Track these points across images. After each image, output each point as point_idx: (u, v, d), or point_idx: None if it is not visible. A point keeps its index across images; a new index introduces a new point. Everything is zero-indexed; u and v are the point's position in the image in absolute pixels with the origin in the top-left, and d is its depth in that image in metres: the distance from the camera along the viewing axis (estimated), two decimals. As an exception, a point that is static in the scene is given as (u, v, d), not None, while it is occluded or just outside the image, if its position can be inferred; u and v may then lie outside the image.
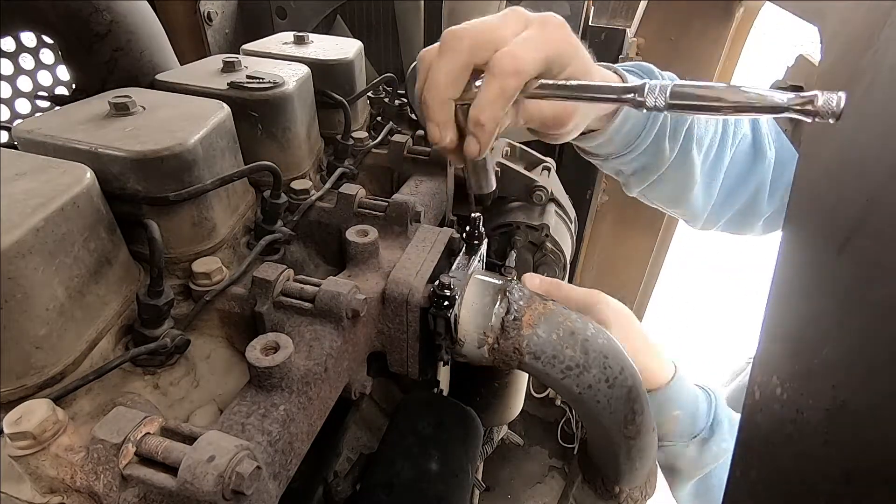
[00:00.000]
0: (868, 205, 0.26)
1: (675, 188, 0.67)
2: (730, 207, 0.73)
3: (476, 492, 0.79)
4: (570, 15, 1.02)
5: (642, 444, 0.48)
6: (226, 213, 0.50)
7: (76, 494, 0.31)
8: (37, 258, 0.34)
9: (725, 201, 0.72)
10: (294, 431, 0.37)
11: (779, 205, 0.73)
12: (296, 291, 0.44)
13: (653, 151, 0.60)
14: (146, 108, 0.48)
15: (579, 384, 0.44)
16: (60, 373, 0.37)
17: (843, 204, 0.29)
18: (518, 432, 1.35)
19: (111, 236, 0.41)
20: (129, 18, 0.57)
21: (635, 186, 0.68)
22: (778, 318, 0.38)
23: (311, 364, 0.39)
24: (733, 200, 0.72)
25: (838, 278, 0.28)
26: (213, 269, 0.45)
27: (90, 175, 0.39)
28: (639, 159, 0.61)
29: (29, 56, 0.68)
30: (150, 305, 0.40)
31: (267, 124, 0.56)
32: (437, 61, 0.37)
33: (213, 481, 0.28)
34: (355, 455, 0.64)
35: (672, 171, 0.63)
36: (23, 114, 0.70)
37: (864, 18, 0.31)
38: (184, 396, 0.42)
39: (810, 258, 0.33)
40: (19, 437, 0.30)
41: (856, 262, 0.27)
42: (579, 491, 0.55)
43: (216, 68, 0.59)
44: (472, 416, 0.62)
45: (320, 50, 0.71)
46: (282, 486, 0.36)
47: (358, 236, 0.49)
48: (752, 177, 0.70)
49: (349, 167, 0.67)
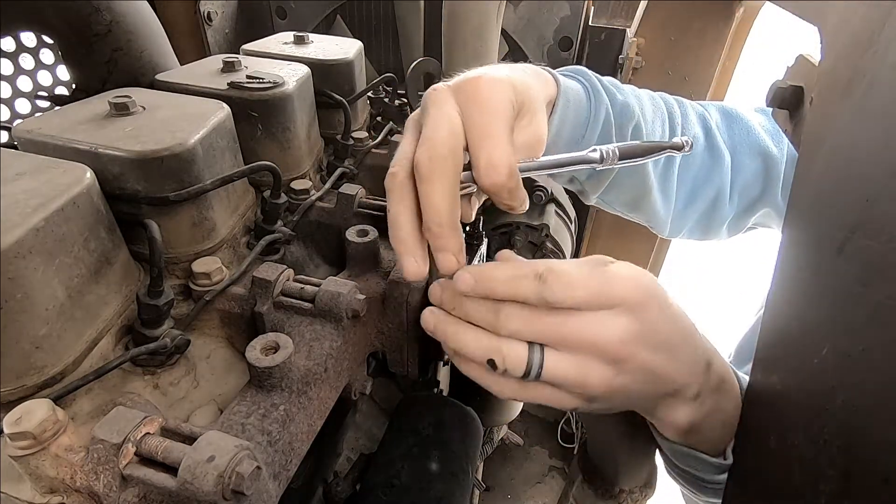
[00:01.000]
0: (868, 205, 0.26)
1: (631, 192, 0.66)
2: (693, 211, 0.72)
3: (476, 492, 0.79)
4: (570, 15, 1.02)
5: (642, 444, 0.48)
6: (226, 213, 0.50)
7: (76, 494, 0.31)
8: (37, 258, 0.34)
9: (687, 205, 0.71)
10: (294, 431, 0.37)
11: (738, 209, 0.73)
12: (296, 291, 0.44)
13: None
14: (146, 108, 0.48)
15: (579, 384, 0.44)
16: (60, 373, 0.37)
17: (843, 204, 0.29)
18: (518, 432, 1.35)
19: (111, 236, 0.41)
20: (129, 18, 0.57)
21: (592, 193, 0.66)
22: (778, 318, 0.38)
23: (311, 364, 0.39)
24: (695, 204, 0.71)
25: (838, 278, 0.28)
26: (213, 269, 0.45)
27: (90, 175, 0.39)
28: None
29: (29, 56, 0.68)
30: (150, 305, 0.40)
31: (267, 124, 0.56)
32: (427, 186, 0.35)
33: (213, 481, 0.28)
34: (355, 455, 0.64)
35: (625, 174, 0.62)
36: (23, 114, 0.70)
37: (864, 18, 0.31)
38: (184, 396, 0.42)
39: (810, 258, 0.33)
40: (19, 437, 0.30)
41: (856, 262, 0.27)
42: (579, 491, 0.55)
43: (216, 68, 0.59)
44: (472, 416, 0.62)
45: (320, 50, 0.71)
46: (282, 486, 0.36)
47: (358, 236, 0.49)
48: (711, 179, 0.70)
49: (349, 167, 0.67)
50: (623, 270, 0.38)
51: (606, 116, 0.57)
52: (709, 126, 0.69)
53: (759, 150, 0.70)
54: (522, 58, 1.08)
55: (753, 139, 0.70)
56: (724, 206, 0.71)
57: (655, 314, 0.37)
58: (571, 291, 0.36)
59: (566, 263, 0.38)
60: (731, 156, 0.69)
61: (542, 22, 1.03)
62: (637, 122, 0.59)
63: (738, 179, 0.70)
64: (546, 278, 0.36)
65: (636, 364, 0.37)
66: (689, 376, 0.39)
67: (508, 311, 0.37)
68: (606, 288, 0.36)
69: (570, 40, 1.04)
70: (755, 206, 0.73)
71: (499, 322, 0.37)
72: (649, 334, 0.37)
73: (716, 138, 0.69)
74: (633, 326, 0.36)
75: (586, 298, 0.36)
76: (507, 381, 0.38)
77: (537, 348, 0.37)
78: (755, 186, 0.71)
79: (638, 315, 0.37)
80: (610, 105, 0.57)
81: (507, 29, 1.05)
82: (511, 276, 0.37)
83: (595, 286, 0.36)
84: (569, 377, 0.37)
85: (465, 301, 0.39)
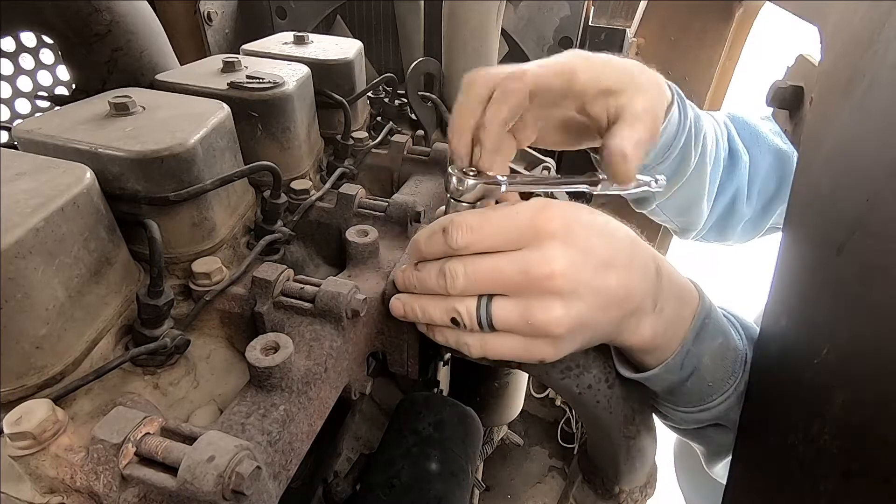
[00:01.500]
0: (868, 205, 0.26)
1: (691, 196, 0.67)
2: (714, 212, 0.74)
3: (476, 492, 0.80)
4: (570, 15, 1.02)
5: (642, 444, 0.48)
6: (226, 213, 0.50)
7: (76, 494, 0.31)
8: (37, 258, 0.34)
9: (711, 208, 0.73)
10: (294, 431, 0.37)
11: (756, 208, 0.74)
12: (296, 291, 0.44)
13: (683, 155, 0.60)
14: (146, 108, 0.48)
15: (579, 384, 0.44)
16: (60, 373, 0.37)
17: (843, 204, 0.29)
18: (518, 432, 1.35)
19: (111, 236, 0.41)
20: (129, 18, 0.57)
21: (660, 195, 0.67)
22: (778, 318, 0.38)
23: (311, 364, 0.39)
24: (716, 206, 0.73)
25: (838, 278, 0.29)
26: (213, 269, 0.45)
27: (90, 175, 0.39)
28: (671, 166, 0.60)
29: (29, 56, 0.68)
30: (150, 305, 0.40)
31: (267, 124, 0.56)
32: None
33: (213, 481, 0.28)
34: (355, 455, 0.64)
35: (693, 178, 0.63)
36: (23, 114, 0.70)
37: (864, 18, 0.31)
38: (184, 396, 0.42)
39: (810, 258, 0.33)
40: (19, 437, 0.30)
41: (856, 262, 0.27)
42: (579, 491, 0.55)
43: (216, 68, 0.59)
44: (472, 416, 0.62)
45: (320, 50, 0.71)
46: (282, 486, 0.36)
47: (358, 236, 0.49)
48: (731, 181, 0.71)
49: (349, 167, 0.67)
50: (530, 203, 0.38)
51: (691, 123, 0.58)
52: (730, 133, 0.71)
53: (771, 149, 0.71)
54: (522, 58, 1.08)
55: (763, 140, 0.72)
56: (742, 207, 0.73)
57: (584, 235, 0.37)
58: (472, 234, 0.37)
59: (472, 211, 0.39)
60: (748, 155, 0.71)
61: (542, 22, 1.03)
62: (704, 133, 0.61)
63: (756, 178, 0.72)
64: (448, 229, 0.38)
65: (585, 290, 0.36)
66: (643, 284, 0.39)
67: (452, 273, 0.38)
68: (513, 222, 0.37)
69: (570, 40, 1.04)
70: (772, 205, 0.74)
71: (447, 284, 0.38)
72: (586, 257, 0.36)
73: (735, 141, 0.71)
74: (566, 254, 0.36)
75: (496, 237, 0.37)
76: (472, 336, 0.40)
77: (485, 299, 0.38)
78: (770, 182, 0.72)
79: (566, 241, 0.36)
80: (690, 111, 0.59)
81: (507, 29, 1.05)
82: (427, 235, 0.40)
83: (499, 222, 0.37)
84: (516, 320, 0.37)
85: (419, 274, 0.41)
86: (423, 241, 0.40)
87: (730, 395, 0.43)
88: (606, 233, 0.38)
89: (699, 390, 0.44)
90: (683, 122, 0.57)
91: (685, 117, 0.57)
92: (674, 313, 0.41)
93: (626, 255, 0.38)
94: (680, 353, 0.41)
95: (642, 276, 0.39)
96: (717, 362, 0.43)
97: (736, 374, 0.43)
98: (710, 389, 0.43)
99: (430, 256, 0.40)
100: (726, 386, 0.43)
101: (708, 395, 0.43)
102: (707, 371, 0.42)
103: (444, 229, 0.38)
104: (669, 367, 0.42)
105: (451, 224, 0.38)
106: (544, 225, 0.36)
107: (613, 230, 0.39)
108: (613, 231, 0.39)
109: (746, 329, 0.45)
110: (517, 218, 0.37)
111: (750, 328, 0.45)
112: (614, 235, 0.38)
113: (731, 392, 0.43)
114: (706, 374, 0.42)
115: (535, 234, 0.36)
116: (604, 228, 0.38)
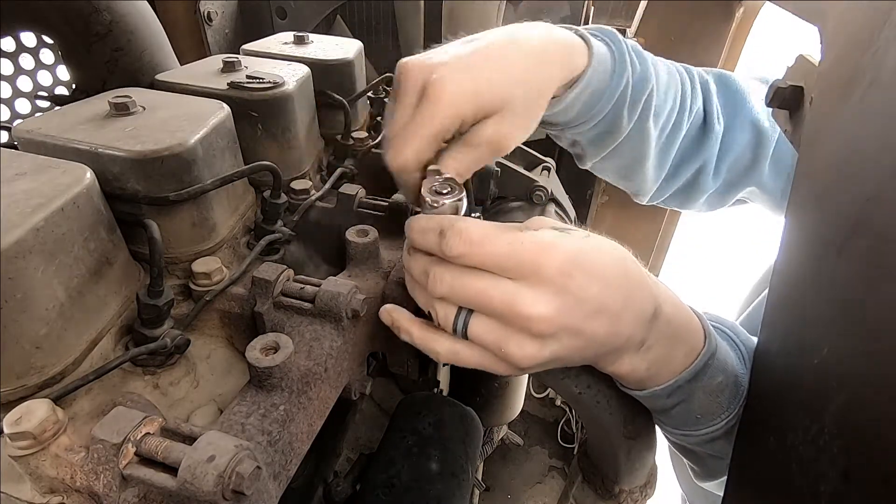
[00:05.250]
0: (868, 205, 0.26)
1: (629, 160, 0.66)
2: (676, 181, 0.72)
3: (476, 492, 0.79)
4: (570, 15, 1.02)
5: (642, 444, 0.48)
6: (226, 214, 0.50)
7: (76, 494, 0.31)
8: (37, 258, 0.34)
9: (673, 175, 0.71)
10: (294, 431, 0.37)
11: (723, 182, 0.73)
12: (296, 291, 0.44)
13: (610, 120, 0.58)
14: (146, 108, 0.48)
15: (579, 384, 0.45)
16: (60, 373, 0.37)
17: (843, 204, 0.29)
18: (518, 432, 1.35)
19: (111, 236, 0.41)
20: (129, 18, 0.57)
21: (590, 158, 0.66)
22: (778, 318, 0.38)
23: (311, 364, 0.39)
24: (680, 175, 0.71)
25: (838, 278, 0.29)
26: (213, 269, 0.45)
27: (90, 175, 0.39)
28: (597, 128, 0.59)
29: (29, 56, 0.68)
30: (150, 305, 0.40)
31: (267, 124, 0.56)
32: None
33: (213, 481, 0.28)
34: (355, 455, 0.65)
35: (628, 143, 0.62)
36: (23, 114, 0.70)
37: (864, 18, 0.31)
38: (184, 396, 0.42)
39: (810, 258, 0.33)
40: (19, 437, 0.30)
41: (856, 262, 0.27)
42: (579, 491, 0.55)
43: (216, 68, 0.59)
44: (472, 416, 0.62)
45: (320, 50, 0.71)
46: (282, 486, 0.36)
47: (358, 236, 0.49)
48: (699, 152, 0.70)
49: (349, 167, 0.67)
50: (538, 237, 0.36)
51: (624, 89, 0.56)
52: (709, 97, 0.69)
53: (752, 123, 0.69)
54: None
55: (747, 111, 0.70)
56: (707, 180, 0.71)
57: (584, 284, 0.35)
58: (470, 248, 0.35)
59: (476, 222, 0.37)
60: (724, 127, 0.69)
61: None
62: (649, 94, 0.59)
63: (728, 153, 0.70)
64: (446, 233, 0.36)
65: (565, 334, 0.36)
66: (631, 328, 0.37)
67: (437, 278, 0.37)
68: (516, 251, 0.35)
69: (570, 40, 1.03)
70: (741, 182, 0.73)
71: (429, 285, 0.38)
72: (578, 305, 0.35)
73: (712, 114, 0.68)
74: (555, 301, 0.34)
75: (494, 260, 0.35)
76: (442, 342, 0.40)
77: (465, 311, 0.38)
78: (743, 160, 0.70)
79: (563, 288, 0.35)
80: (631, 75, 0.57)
81: (507, 29, 1.05)
82: (422, 227, 0.39)
83: (503, 248, 0.35)
84: (490, 342, 0.37)
85: (407, 259, 0.41)
86: (417, 234, 0.39)
87: (718, 429, 0.43)
88: (608, 279, 0.36)
89: (685, 419, 0.44)
90: (613, 88, 0.55)
91: (618, 84, 0.55)
92: (664, 353, 0.40)
93: (621, 301, 0.37)
94: (669, 387, 0.41)
95: (633, 321, 0.38)
96: (711, 398, 0.42)
97: (730, 410, 0.42)
98: (697, 420, 0.43)
99: (420, 249, 0.39)
100: (716, 420, 0.43)
101: (693, 424, 0.44)
102: (697, 403, 0.42)
103: (441, 231, 0.37)
104: (655, 393, 0.42)
105: (451, 229, 0.36)
106: (546, 265, 0.35)
107: (618, 275, 0.37)
108: (618, 276, 0.37)
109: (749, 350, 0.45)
110: (521, 248, 0.35)
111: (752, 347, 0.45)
112: (615, 282, 0.37)
113: (720, 426, 0.43)
114: (696, 406, 0.43)
115: (534, 272, 0.35)
116: (607, 273, 0.36)
